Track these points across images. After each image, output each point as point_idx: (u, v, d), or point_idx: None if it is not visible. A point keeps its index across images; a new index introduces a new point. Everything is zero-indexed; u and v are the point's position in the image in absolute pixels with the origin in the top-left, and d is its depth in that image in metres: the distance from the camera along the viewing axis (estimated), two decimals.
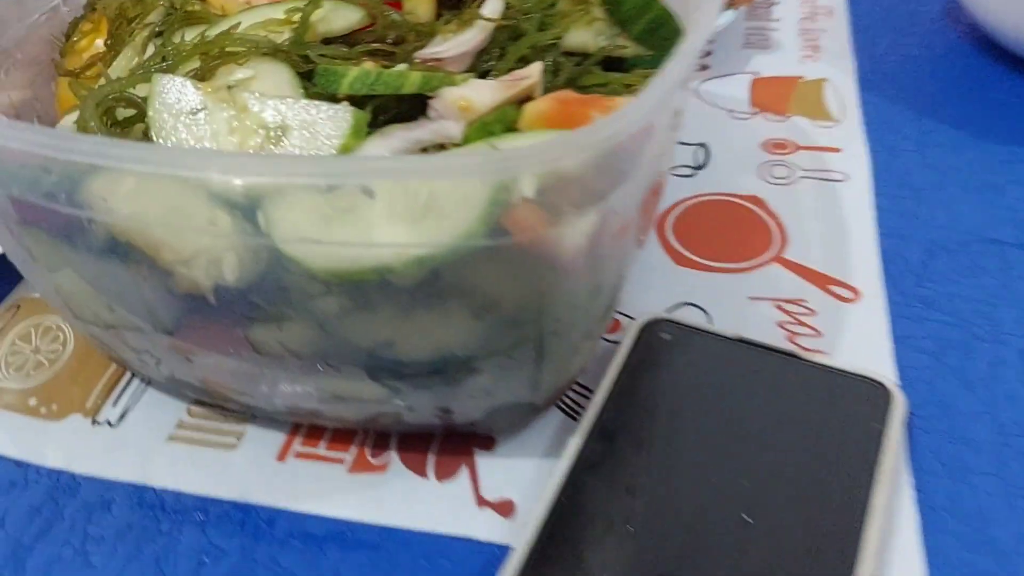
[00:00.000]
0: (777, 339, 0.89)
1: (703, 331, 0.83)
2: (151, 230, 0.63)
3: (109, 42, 0.86)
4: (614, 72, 0.82)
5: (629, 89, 0.78)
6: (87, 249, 0.67)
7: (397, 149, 0.70)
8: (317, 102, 0.72)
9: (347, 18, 0.81)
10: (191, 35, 0.83)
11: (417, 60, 0.77)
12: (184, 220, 0.61)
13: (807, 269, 0.96)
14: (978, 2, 1.21)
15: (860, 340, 0.88)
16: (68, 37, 0.91)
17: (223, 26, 0.80)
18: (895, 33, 1.35)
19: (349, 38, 0.81)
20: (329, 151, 0.69)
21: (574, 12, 0.80)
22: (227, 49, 0.76)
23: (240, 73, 0.75)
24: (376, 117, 0.75)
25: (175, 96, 0.72)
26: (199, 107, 0.71)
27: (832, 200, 1.05)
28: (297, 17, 0.79)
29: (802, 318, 0.91)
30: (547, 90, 0.76)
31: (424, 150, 0.71)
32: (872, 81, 1.25)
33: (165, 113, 0.71)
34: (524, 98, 0.74)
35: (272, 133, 0.70)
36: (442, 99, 0.73)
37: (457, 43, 0.75)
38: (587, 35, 0.81)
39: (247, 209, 0.59)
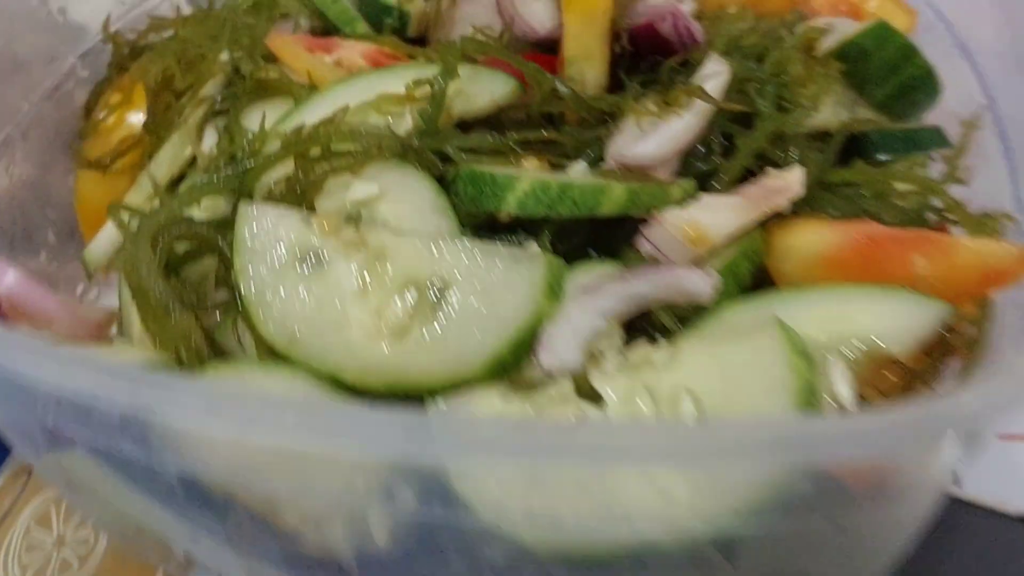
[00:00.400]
0: None
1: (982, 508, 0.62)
2: (267, 488, 0.40)
3: (149, 122, 0.62)
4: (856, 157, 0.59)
5: (900, 192, 0.55)
6: (159, 492, 0.44)
7: (610, 312, 0.47)
8: (489, 246, 0.48)
9: (493, 91, 0.57)
10: (269, 115, 0.59)
11: (610, 162, 0.53)
12: (321, 485, 0.38)
13: None
14: None
15: None
16: (89, 111, 0.66)
17: (318, 105, 0.56)
18: None
19: (495, 119, 0.58)
20: (515, 315, 0.45)
21: (815, 78, 0.56)
22: (334, 147, 0.52)
23: (360, 190, 0.51)
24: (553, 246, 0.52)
25: (271, 237, 0.48)
26: (311, 254, 0.48)
27: None
28: (423, 91, 0.55)
29: None
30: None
31: (649, 311, 0.48)
32: None
33: (259, 265, 0.47)
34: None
35: (427, 295, 0.47)
36: (663, 227, 0.50)
37: (666, 136, 0.52)
38: (826, 108, 0.58)
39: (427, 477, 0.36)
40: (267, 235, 0.48)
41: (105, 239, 0.59)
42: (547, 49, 0.66)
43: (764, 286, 0.51)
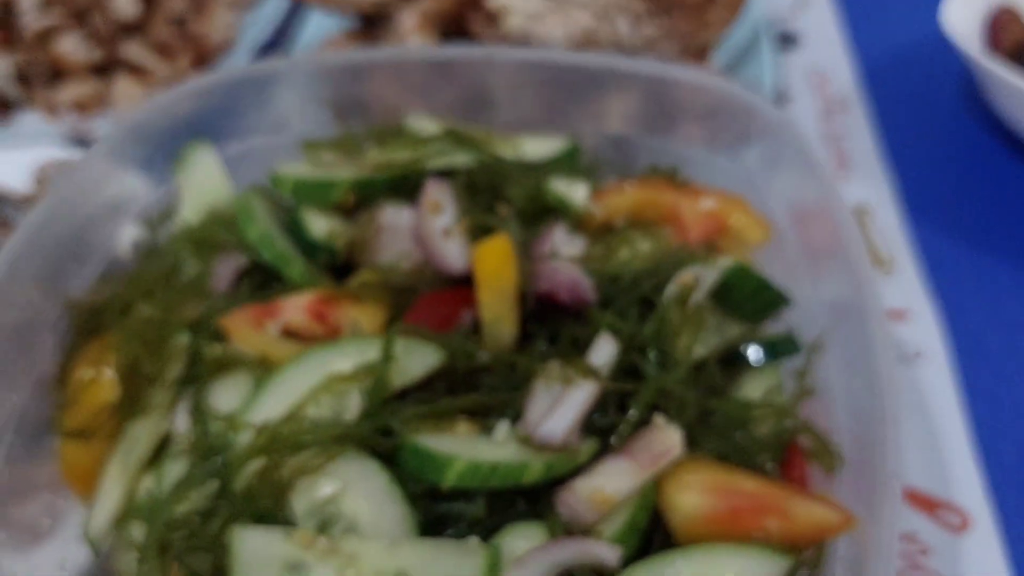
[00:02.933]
0: None
1: None
2: None
3: (123, 404, 0.70)
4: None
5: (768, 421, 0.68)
6: None
7: None
8: (438, 541, 0.60)
9: (425, 362, 0.68)
10: (230, 395, 0.68)
11: (525, 432, 0.65)
12: None
13: (911, 492, 0.90)
14: (998, 101, 1.14)
15: None
16: (63, 381, 0.74)
17: (275, 391, 0.66)
18: (918, 129, 1.27)
19: (426, 382, 0.69)
20: None
21: (688, 323, 0.69)
22: (296, 442, 0.63)
23: (325, 487, 0.62)
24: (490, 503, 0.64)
25: (261, 554, 0.59)
26: (295, 565, 0.58)
27: (914, 389, 0.98)
28: (366, 369, 0.66)
29: (920, 559, 0.86)
30: None
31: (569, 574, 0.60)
32: (912, 203, 1.17)
33: None
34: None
35: None
36: (574, 494, 0.62)
37: (569, 409, 0.64)
38: (699, 346, 0.70)
39: None
40: (257, 553, 0.58)
41: (103, 513, 0.69)
42: (462, 280, 0.77)
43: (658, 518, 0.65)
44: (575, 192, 0.78)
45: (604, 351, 0.66)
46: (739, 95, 0.81)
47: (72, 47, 1.27)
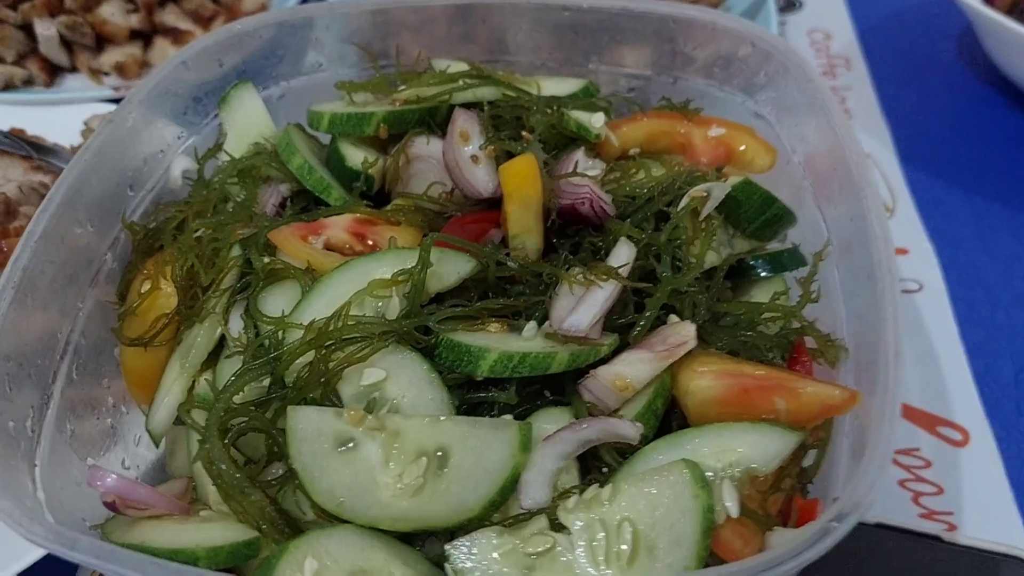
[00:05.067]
0: (904, 503, 0.88)
1: None
2: None
3: (180, 309, 0.77)
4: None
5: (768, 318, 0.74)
6: None
7: (567, 455, 0.65)
8: (475, 419, 0.66)
9: (459, 270, 0.73)
10: (280, 300, 0.74)
11: (552, 329, 0.70)
12: None
13: (912, 409, 0.96)
14: (997, 49, 1.19)
15: (981, 493, 0.88)
16: (123, 295, 0.80)
17: (322, 294, 0.72)
18: (917, 83, 1.33)
19: (460, 288, 0.74)
20: (499, 469, 0.63)
21: (700, 232, 0.75)
22: (343, 337, 0.69)
23: (371, 375, 0.68)
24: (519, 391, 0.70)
25: (314, 429, 0.65)
26: (345, 440, 0.65)
27: (915, 318, 1.03)
28: (404, 274, 0.72)
29: (920, 472, 0.91)
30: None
31: (594, 449, 0.66)
32: (912, 152, 1.22)
33: (308, 451, 0.64)
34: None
35: (434, 460, 0.64)
36: (597, 380, 0.68)
37: (592, 306, 0.69)
38: (711, 255, 0.76)
39: None
40: (311, 429, 0.64)
41: (164, 411, 0.75)
42: (489, 204, 0.83)
43: (674, 408, 0.70)
44: (593, 120, 0.84)
45: (622, 255, 0.72)
46: (758, 35, 0.86)
47: (113, 13, 1.34)
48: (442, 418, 0.65)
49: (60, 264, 0.74)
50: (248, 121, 0.92)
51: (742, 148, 0.85)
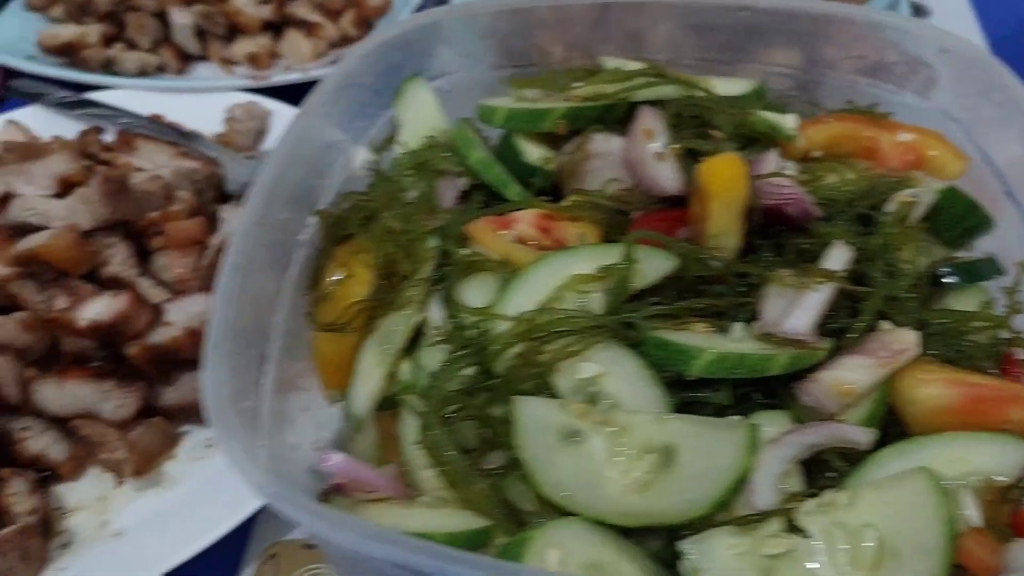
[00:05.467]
0: None
1: None
2: None
3: (378, 295, 0.77)
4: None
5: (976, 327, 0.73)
6: None
7: (792, 458, 0.64)
8: (701, 418, 0.65)
9: (659, 268, 0.73)
10: (480, 291, 0.75)
11: (764, 328, 0.70)
12: None
13: None
14: None
15: None
16: (315, 281, 0.81)
17: (524, 287, 0.72)
18: None
19: (658, 285, 0.74)
20: (728, 469, 0.63)
21: (906, 238, 0.74)
22: (555, 330, 0.69)
23: (587, 369, 0.67)
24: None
25: (541, 420, 0.65)
26: (571, 432, 0.64)
27: None
28: (606, 270, 0.72)
29: None
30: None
31: (819, 454, 0.65)
32: None
33: (535, 442, 0.64)
34: None
35: (661, 458, 0.64)
36: (819, 384, 0.67)
37: (810, 309, 0.69)
38: (921, 259, 0.75)
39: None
40: (538, 420, 0.64)
41: (365, 393, 0.76)
42: (671, 202, 0.83)
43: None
44: (785, 121, 0.83)
45: (840, 258, 0.71)
46: (943, 37, 0.85)
47: (246, 4, 1.35)
48: (668, 416, 0.65)
49: (269, 248, 0.74)
50: (420, 115, 0.93)
51: (933, 154, 0.83)
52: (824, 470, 0.66)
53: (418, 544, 0.52)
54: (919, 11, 1.48)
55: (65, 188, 1.05)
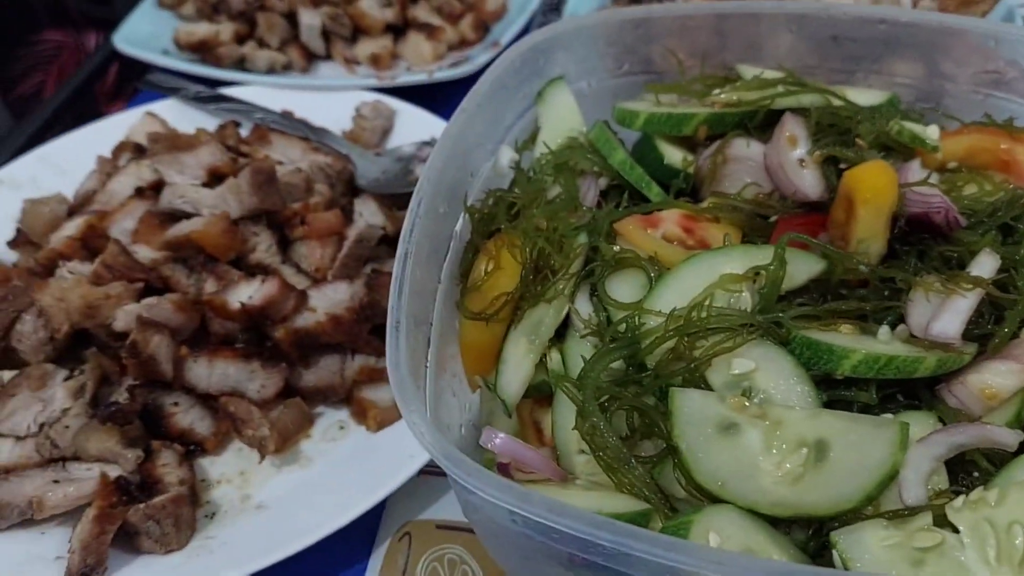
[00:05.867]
0: None
1: None
2: None
3: (527, 287, 0.81)
4: None
5: None
6: None
7: (939, 457, 0.66)
8: (853, 415, 0.68)
9: (808, 270, 0.76)
10: (628, 287, 0.78)
11: (910, 331, 0.72)
12: None
13: None
14: None
15: None
16: (464, 273, 0.85)
17: (675, 284, 0.75)
18: None
19: (804, 287, 0.77)
20: (879, 465, 0.65)
21: None
22: (708, 327, 0.72)
23: (741, 364, 0.70)
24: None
25: (700, 412, 0.68)
26: (727, 424, 0.68)
27: None
28: (757, 270, 0.74)
29: None
30: None
31: (963, 455, 0.67)
32: None
33: (693, 433, 0.67)
34: None
35: (814, 451, 0.66)
36: (965, 386, 0.69)
37: (958, 314, 0.71)
38: None
39: None
40: (696, 411, 0.67)
41: (516, 379, 0.80)
42: (811, 207, 0.85)
43: None
44: (929, 132, 0.85)
45: (987, 265, 0.73)
46: None
47: (371, 7, 1.41)
48: (822, 411, 0.68)
49: (432, 239, 0.79)
50: (561, 116, 0.97)
51: None
52: (968, 470, 0.68)
53: (603, 521, 0.56)
54: None
55: (213, 178, 1.12)
